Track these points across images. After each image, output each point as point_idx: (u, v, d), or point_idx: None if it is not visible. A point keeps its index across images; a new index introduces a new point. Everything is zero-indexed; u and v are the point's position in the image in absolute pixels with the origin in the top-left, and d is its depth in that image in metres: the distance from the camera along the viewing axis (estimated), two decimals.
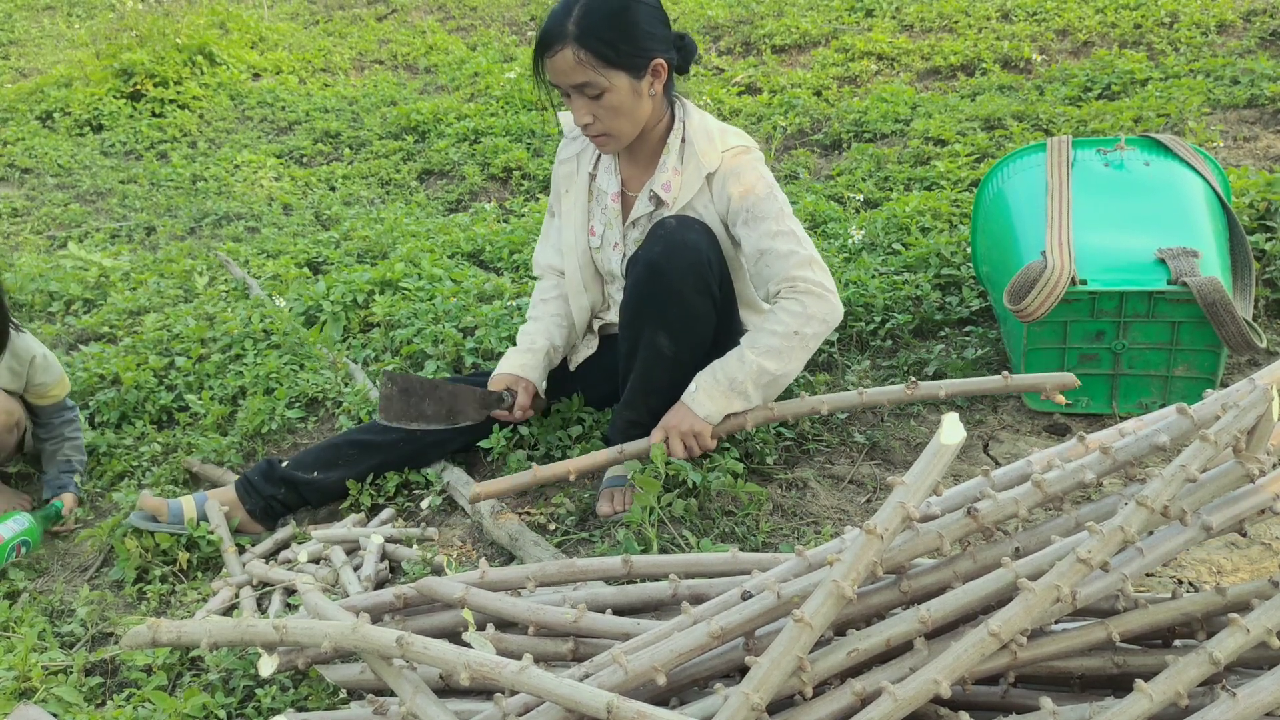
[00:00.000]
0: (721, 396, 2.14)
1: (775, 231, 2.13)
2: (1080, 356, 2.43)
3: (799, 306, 2.10)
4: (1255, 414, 1.35)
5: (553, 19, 2.07)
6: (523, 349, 2.43)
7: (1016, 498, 1.41)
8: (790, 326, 2.10)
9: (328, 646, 1.48)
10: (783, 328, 2.10)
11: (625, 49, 2.05)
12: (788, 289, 2.12)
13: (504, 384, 2.38)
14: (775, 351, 2.11)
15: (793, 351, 2.12)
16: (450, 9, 7.96)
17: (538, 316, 2.51)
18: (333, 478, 2.40)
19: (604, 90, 2.07)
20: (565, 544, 2.17)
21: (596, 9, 2.04)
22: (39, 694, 1.81)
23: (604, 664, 1.42)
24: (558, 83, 2.10)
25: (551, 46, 2.05)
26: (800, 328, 2.10)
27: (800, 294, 2.10)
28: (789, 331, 2.10)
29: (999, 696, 1.42)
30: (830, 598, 1.27)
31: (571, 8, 2.05)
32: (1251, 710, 1.26)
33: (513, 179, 4.84)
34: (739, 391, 2.14)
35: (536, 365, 2.41)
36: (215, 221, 4.60)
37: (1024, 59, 5.25)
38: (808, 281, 2.11)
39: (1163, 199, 2.55)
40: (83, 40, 7.78)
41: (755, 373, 2.12)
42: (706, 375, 2.16)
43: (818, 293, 2.11)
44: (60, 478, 2.63)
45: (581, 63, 2.04)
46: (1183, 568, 1.91)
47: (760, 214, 2.15)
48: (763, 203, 2.15)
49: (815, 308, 2.10)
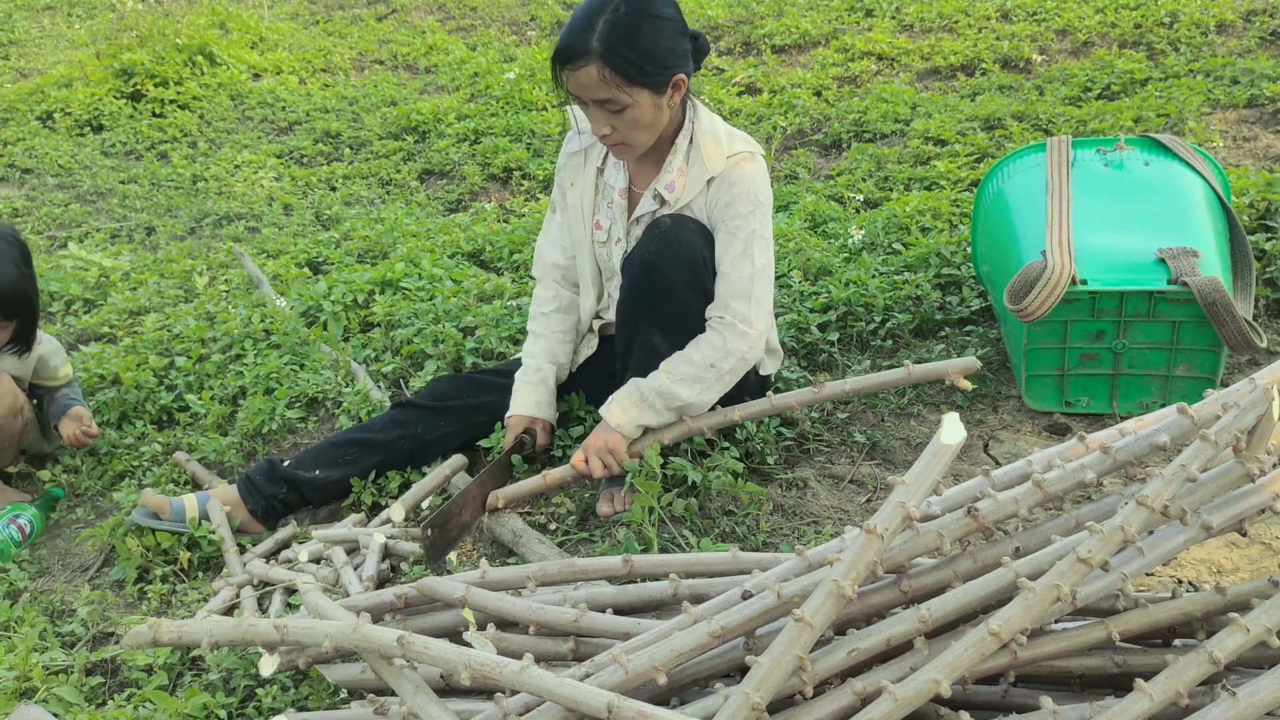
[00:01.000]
0: (633, 408, 2.17)
1: (737, 254, 2.16)
2: (1081, 356, 2.43)
3: (720, 340, 2.15)
4: (1255, 414, 1.36)
5: (574, 31, 2.04)
6: (533, 383, 2.40)
7: (1017, 497, 1.41)
8: (708, 359, 2.15)
9: (328, 646, 1.49)
10: (700, 358, 2.15)
11: (650, 68, 2.04)
12: (718, 317, 2.16)
13: (522, 426, 2.37)
14: (689, 380, 2.15)
15: (707, 383, 2.16)
16: (450, 9, 7.96)
17: (540, 333, 2.47)
18: (334, 477, 2.40)
19: (626, 106, 2.06)
20: (566, 544, 2.17)
21: (621, 26, 2.01)
22: (40, 694, 1.81)
23: (605, 663, 1.43)
24: (578, 95, 2.09)
25: (575, 60, 2.03)
26: (718, 361, 2.15)
27: (725, 328, 2.15)
28: (705, 364, 2.15)
29: (999, 696, 1.42)
30: (830, 597, 1.27)
31: (594, 22, 2.01)
32: (1251, 709, 1.26)
33: (513, 179, 4.84)
34: (649, 406, 2.17)
35: (549, 402, 2.41)
36: (215, 222, 4.60)
37: (1024, 59, 5.25)
38: (736, 315, 2.15)
39: (1163, 199, 2.55)
40: (83, 40, 7.78)
41: (666, 395, 2.16)
42: (622, 389, 2.19)
43: (742, 330, 2.15)
44: (60, 402, 2.72)
45: (606, 81, 2.02)
46: (1183, 567, 1.91)
47: (733, 230, 2.17)
48: (739, 220, 2.17)
49: (735, 344, 2.15)
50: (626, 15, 2.01)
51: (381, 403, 2.74)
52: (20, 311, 2.49)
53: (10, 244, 2.48)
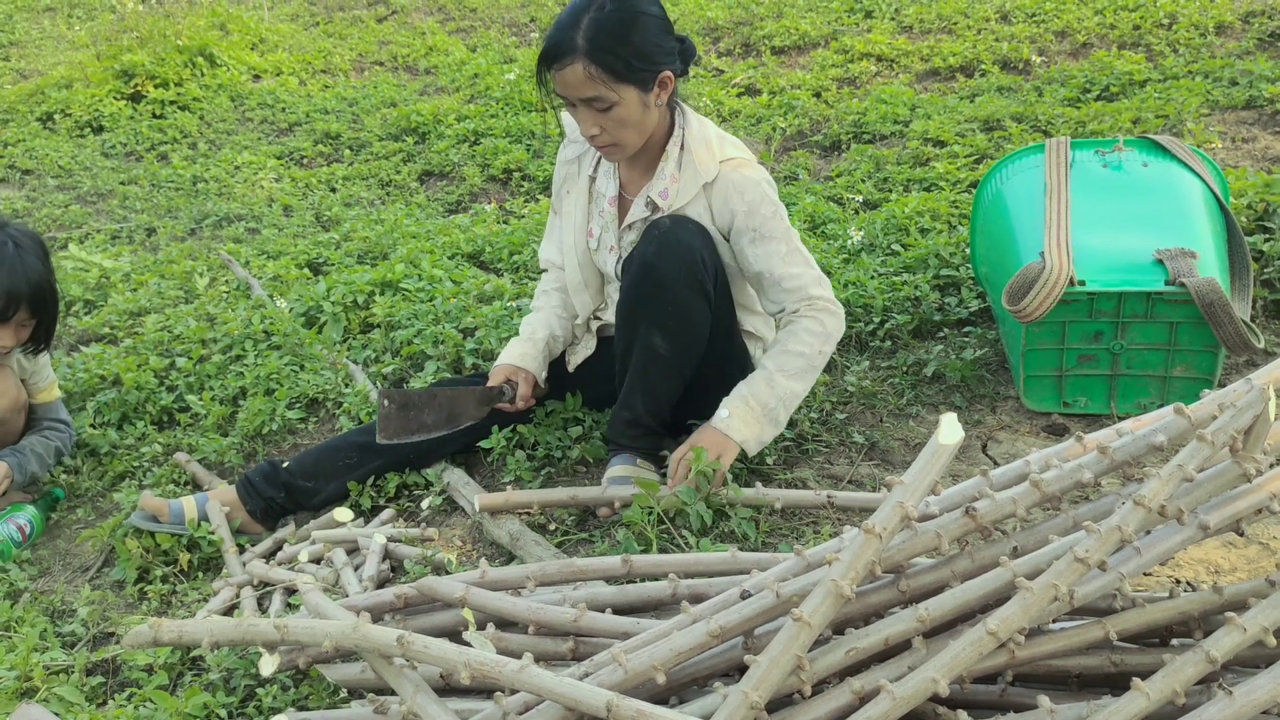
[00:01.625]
0: (756, 423, 2.16)
1: (785, 253, 2.19)
2: (1078, 357, 2.44)
3: (819, 326, 2.17)
4: (1252, 414, 1.36)
5: (559, 30, 2.04)
6: (523, 339, 2.44)
7: (1014, 497, 1.41)
8: (815, 346, 2.17)
9: (329, 646, 1.49)
10: (808, 348, 2.17)
11: (636, 64, 2.04)
12: (806, 307, 2.18)
13: (504, 375, 2.37)
14: (802, 372, 2.17)
15: (815, 371, 2.20)
16: (450, 10, 7.97)
17: (539, 307, 2.52)
18: (334, 483, 2.41)
19: (613, 104, 2.06)
20: (565, 544, 2.17)
21: (606, 23, 2.01)
22: (40, 694, 1.81)
23: (604, 663, 1.43)
24: (565, 95, 2.09)
25: (560, 59, 2.03)
26: (823, 346, 2.19)
27: (819, 312, 2.18)
28: (814, 351, 2.17)
29: (997, 695, 1.43)
30: (829, 597, 1.28)
31: (579, 20, 2.02)
32: (1248, 709, 1.26)
33: (513, 180, 4.84)
34: (772, 419, 2.17)
35: (536, 355, 2.41)
36: (216, 223, 4.60)
37: (1023, 60, 5.25)
38: (824, 300, 2.20)
39: (1161, 200, 2.55)
40: (83, 42, 7.78)
41: (788, 397, 2.17)
42: (738, 402, 2.16)
43: (834, 310, 2.20)
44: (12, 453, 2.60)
45: (592, 78, 2.03)
46: (1180, 567, 1.92)
47: (767, 233, 2.18)
48: (770, 222, 2.18)
49: (832, 325, 2.20)
50: (612, 12, 2.02)
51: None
52: (45, 308, 2.53)
53: (35, 242, 2.54)
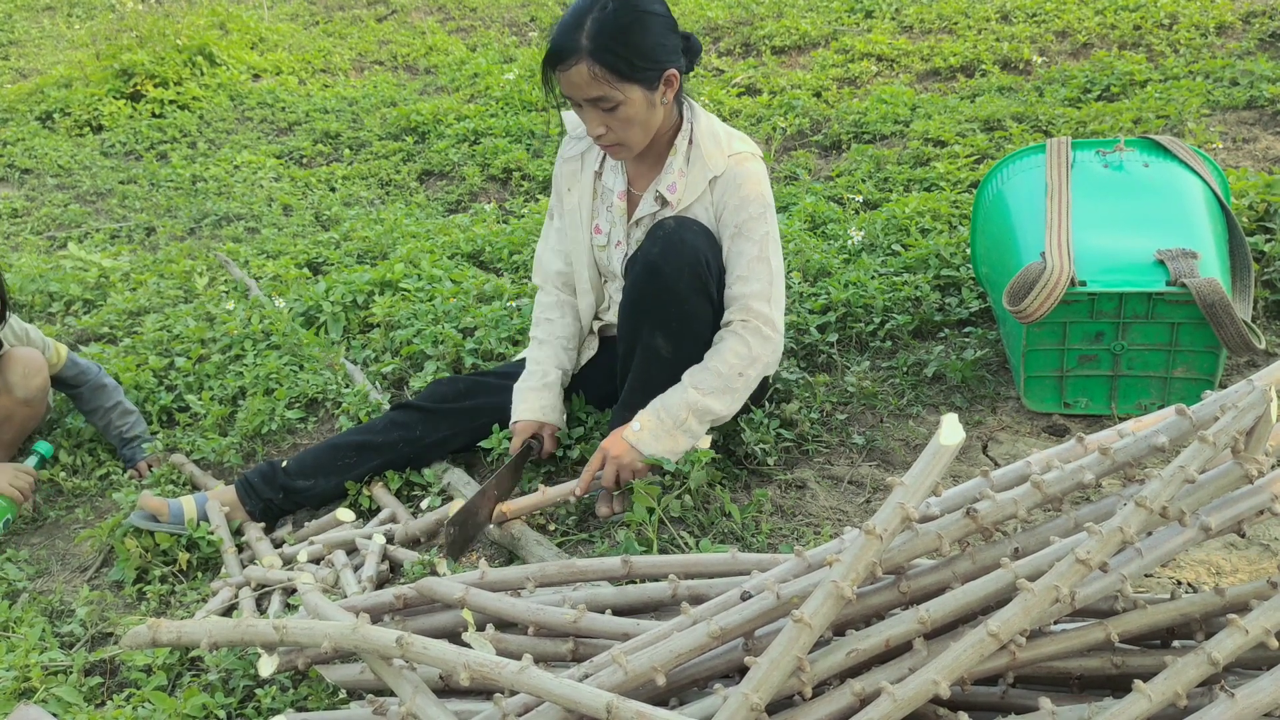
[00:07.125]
0: (668, 436, 2.12)
1: (752, 257, 2.16)
2: (1079, 357, 2.43)
3: (745, 349, 2.14)
4: (1254, 415, 1.36)
5: (564, 31, 2.03)
6: (538, 387, 2.37)
7: (1015, 498, 1.41)
8: (734, 368, 2.14)
9: (328, 646, 1.49)
10: (726, 368, 2.14)
11: (640, 63, 2.03)
12: (740, 321, 2.15)
13: (529, 432, 2.34)
14: (719, 391, 2.14)
15: (736, 392, 2.16)
16: (450, 10, 7.96)
17: (543, 339, 2.45)
18: (332, 483, 2.41)
19: (619, 103, 2.05)
20: (565, 544, 2.17)
21: (610, 22, 2.00)
22: (39, 694, 1.81)
23: (604, 664, 1.43)
24: (571, 95, 2.08)
25: (565, 60, 2.03)
26: (745, 369, 2.15)
27: (750, 332, 2.15)
28: (732, 373, 2.14)
29: (998, 697, 1.42)
30: (830, 598, 1.27)
31: (583, 20, 2.01)
32: (1250, 711, 1.26)
33: (512, 180, 4.84)
34: (685, 430, 2.14)
35: (555, 405, 2.37)
36: (215, 222, 4.60)
37: (1023, 60, 5.25)
38: (762, 318, 2.15)
39: (1162, 200, 2.55)
40: (82, 41, 7.78)
41: (701, 412, 2.13)
42: (650, 414, 2.13)
43: (766, 334, 2.16)
44: (124, 451, 2.74)
45: (597, 78, 2.02)
46: (1181, 568, 1.91)
47: (747, 233, 2.17)
48: (752, 223, 2.17)
49: (760, 350, 2.15)
50: (615, 12, 2.01)
51: (380, 404, 2.74)
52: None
53: None
